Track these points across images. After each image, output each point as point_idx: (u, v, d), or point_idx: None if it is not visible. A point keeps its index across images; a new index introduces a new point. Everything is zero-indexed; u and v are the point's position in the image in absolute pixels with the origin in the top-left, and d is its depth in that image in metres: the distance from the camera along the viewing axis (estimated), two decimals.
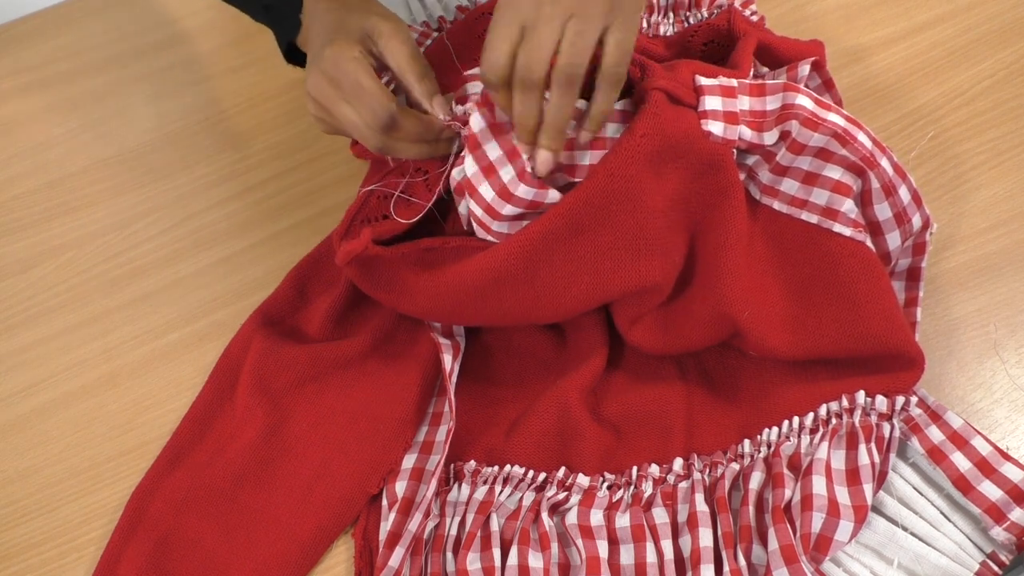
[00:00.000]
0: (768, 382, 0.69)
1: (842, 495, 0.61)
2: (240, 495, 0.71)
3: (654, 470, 0.67)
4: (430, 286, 0.69)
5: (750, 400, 0.69)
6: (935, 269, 0.73)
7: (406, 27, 0.70)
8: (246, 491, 0.71)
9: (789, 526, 0.60)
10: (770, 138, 0.66)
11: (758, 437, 0.67)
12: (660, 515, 0.65)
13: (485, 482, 0.69)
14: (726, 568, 0.61)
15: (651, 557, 0.64)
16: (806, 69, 0.71)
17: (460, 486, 0.70)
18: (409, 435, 0.72)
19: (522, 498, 0.68)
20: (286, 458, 0.72)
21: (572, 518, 0.66)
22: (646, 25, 0.83)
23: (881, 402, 0.65)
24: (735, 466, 0.66)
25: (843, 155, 0.66)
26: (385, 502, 0.69)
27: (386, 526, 0.68)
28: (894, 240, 0.69)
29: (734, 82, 0.68)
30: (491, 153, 0.66)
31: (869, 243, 0.67)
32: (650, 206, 0.65)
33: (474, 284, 0.67)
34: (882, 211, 0.68)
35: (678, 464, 0.68)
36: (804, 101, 0.65)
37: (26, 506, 0.75)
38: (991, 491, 0.61)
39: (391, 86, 0.71)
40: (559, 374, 0.73)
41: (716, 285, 0.67)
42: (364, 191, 0.73)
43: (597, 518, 0.66)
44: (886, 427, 0.64)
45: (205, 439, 0.74)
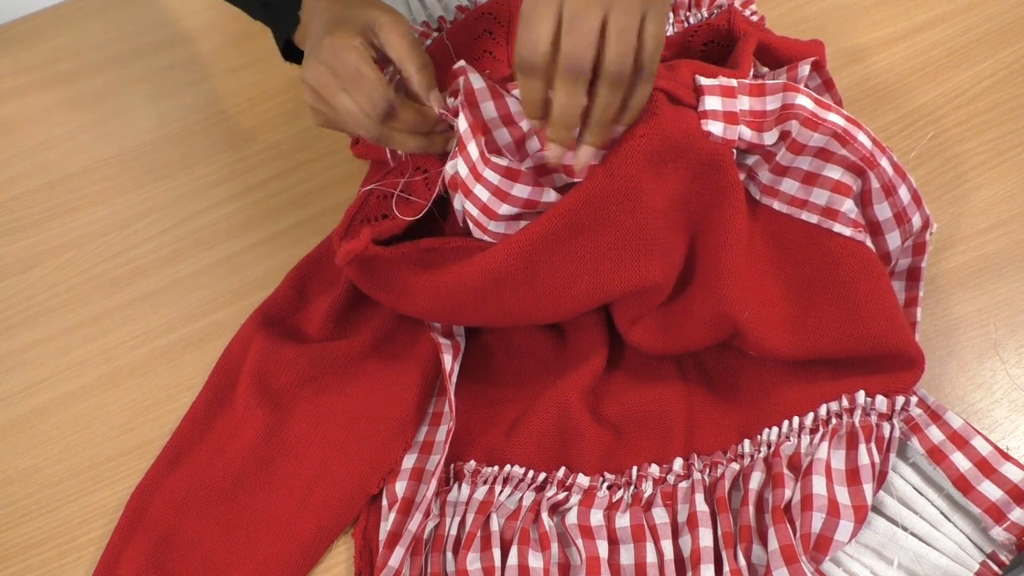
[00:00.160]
0: (768, 382, 0.69)
1: (842, 495, 0.61)
2: (240, 495, 0.71)
3: (654, 470, 0.67)
4: (430, 286, 0.69)
5: (750, 400, 0.69)
6: (935, 269, 0.73)
7: (406, 21, 0.70)
8: (246, 491, 0.71)
9: (789, 526, 0.60)
10: (770, 138, 0.66)
11: (758, 437, 0.67)
12: (660, 515, 0.65)
13: (485, 482, 0.69)
14: (726, 568, 0.61)
15: (651, 557, 0.64)
16: (806, 69, 0.71)
17: (460, 486, 0.70)
18: (409, 435, 0.72)
19: (522, 498, 0.68)
20: (286, 458, 0.71)
21: (572, 518, 0.65)
22: None
23: (881, 402, 0.65)
24: (735, 466, 0.66)
25: (843, 155, 0.66)
26: (385, 502, 0.69)
27: (386, 526, 0.68)
28: (894, 240, 0.69)
29: (734, 82, 0.68)
30: (475, 153, 0.66)
31: (869, 243, 0.67)
32: (650, 206, 0.65)
33: (474, 284, 0.67)
34: (882, 211, 0.68)
35: (678, 464, 0.68)
36: (804, 101, 0.65)
37: (26, 506, 0.75)
38: (991, 491, 0.61)
39: (391, 80, 0.71)
40: (559, 374, 0.73)
41: (716, 285, 0.67)
42: (364, 191, 0.73)
43: (597, 518, 0.66)
44: (886, 427, 0.64)
45: (205, 439, 0.74)
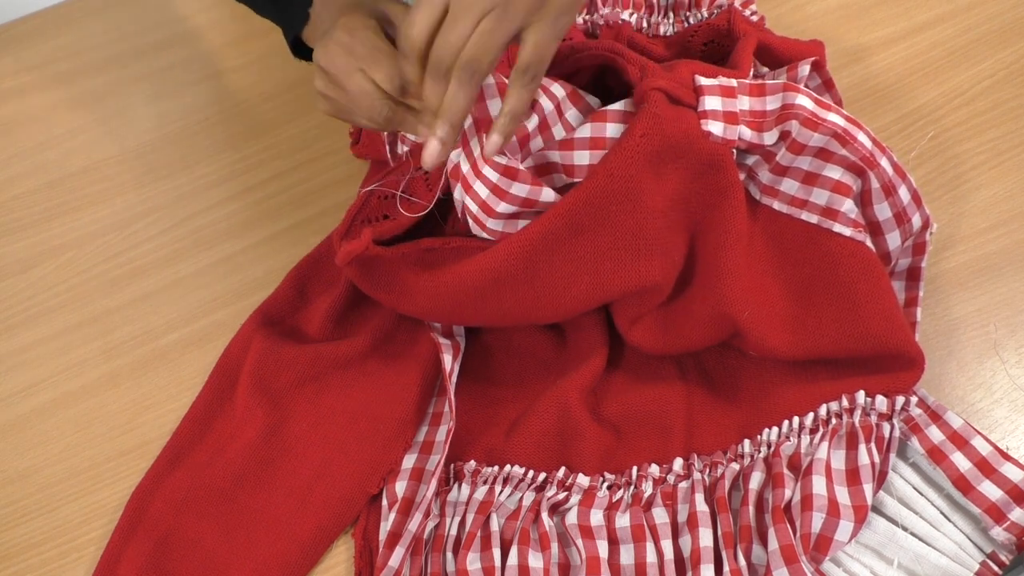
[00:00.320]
0: (768, 382, 0.69)
1: (842, 495, 0.61)
2: (240, 495, 0.71)
3: (654, 470, 0.67)
4: (430, 286, 0.69)
5: (750, 400, 0.69)
6: (935, 269, 0.73)
7: None
8: (246, 491, 0.71)
9: (789, 526, 0.60)
10: (770, 138, 0.66)
11: (758, 437, 0.67)
12: (660, 515, 0.65)
13: (485, 482, 0.69)
14: (726, 568, 0.61)
15: (651, 557, 0.64)
16: (806, 69, 0.71)
17: (460, 486, 0.70)
18: (409, 435, 0.72)
19: (522, 498, 0.68)
20: (286, 458, 0.72)
21: (572, 518, 0.65)
22: (646, 25, 0.83)
23: (881, 402, 0.65)
24: (735, 466, 0.66)
25: (843, 155, 0.66)
26: (385, 502, 0.69)
27: (386, 526, 0.68)
28: (894, 240, 0.69)
29: (734, 82, 0.67)
30: (476, 150, 0.66)
31: (869, 243, 0.67)
32: (650, 206, 0.65)
33: (474, 284, 0.67)
34: (882, 211, 0.68)
35: (678, 464, 0.68)
36: (804, 101, 0.65)
37: (26, 506, 0.75)
38: (991, 491, 0.61)
39: None
40: (559, 374, 0.73)
41: (716, 285, 0.67)
42: (364, 191, 0.73)
43: (597, 518, 0.66)
44: (886, 427, 0.64)
45: (205, 439, 0.74)
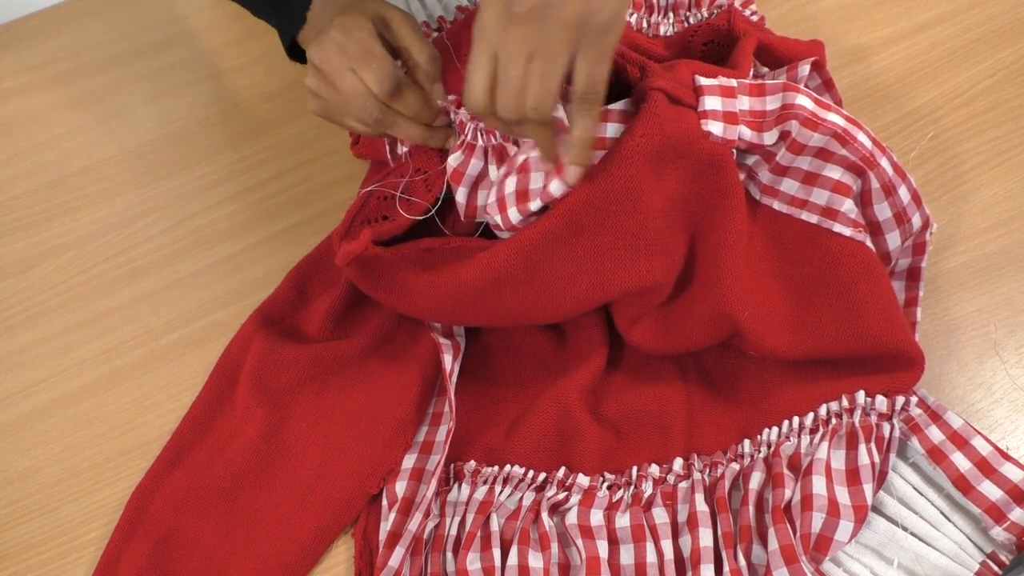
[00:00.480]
0: (768, 382, 0.69)
1: (842, 495, 0.61)
2: (240, 495, 0.71)
3: (654, 470, 0.67)
4: (430, 286, 0.69)
5: (750, 400, 0.69)
6: (935, 269, 0.73)
7: (415, 18, 0.72)
8: (246, 491, 0.71)
9: (789, 526, 0.60)
10: (770, 138, 0.66)
11: (758, 437, 0.67)
12: (660, 515, 0.65)
13: (485, 482, 0.69)
14: (726, 568, 0.61)
15: (651, 557, 0.64)
16: (806, 69, 0.71)
17: (460, 486, 0.70)
18: (409, 435, 0.72)
19: (522, 498, 0.68)
20: (286, 458, 0.72)
21: (572, 518, 0.65)
22: (646, 25, 0.83)
23: (881, 402, 0.65)
24: (735, 466, 0.66)
25: (843, 155, 0.66)
26: (385, 502, 0.69)
27: (386, 526, 0.68)
28: (894, 240, 0.69)
29: (734, 82, 0.67)
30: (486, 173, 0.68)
31: (869, 243, 0.67)
32: (650, 206, 0.65)
33: (474, 284, 0.67)
34: (882, 211, 0.68)
35: (678, 464, 0.68)
36: (804, 101, 0.65)
37: (26, 506, 0.75)
38: (991, 491, 0.61)
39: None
40: (559, 374, 0.73)
41: (716, 285, 0.67)
42: (364, 192, 0.73)
43: (597, 518, 0.66)
44: (886, 427, 0.64)
45: (205, 439, 0.74)
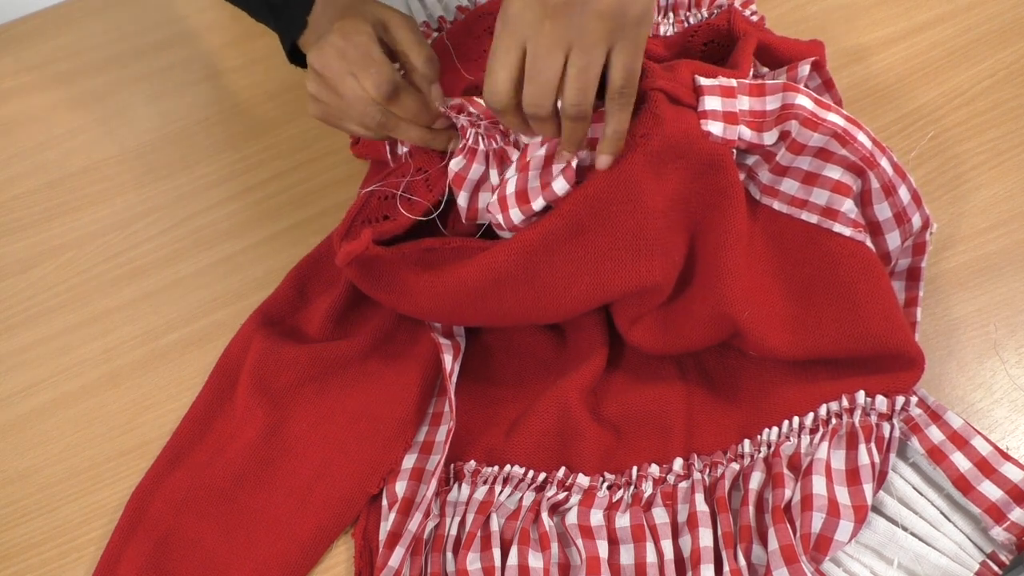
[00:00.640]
0: (768, 382, 0.69)
1: (842, 495, 0.61)
2: (240, 495, 0.71)
3: (654, 470, 0.67)
4: (430, 286, 0.69)
5: (750, 400, 0.69)
6: (935, 269, 0.73)
7: (415, 21, 0.72)
8: (246, 491, 0.71)
9: (789, 526, 0.60)
10: (770, 138, 0.66)
11: (758, 437, 0.67)
12: (660, 515, 0.65)
13: (485, 482, 0.69)
14: (726, 568, 0.61)
15: (651, 557, 0.64)
16: (806, 69, 0.71)
17: (460, 486, 0.70)
18: (409, 435, 0.72)
19: (522, 498, 0.68)
20: (286, 458, 0.71)
21: (572, 518, 0.65)
22: None
23: (881, 402, 0.65)
24: (735, 466, 0.66)
25: (843, 155, 0.66)
26: (385, 502, 0.69)
27: (386, 526, 0.68)
28: (894, 240, 0.69)
29: (734, 82, 0.67)
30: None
31: (869, 243, 0.67)
32: (650, 206, 0.65)
33: (474, 284, 0.67)
34: (882, 211, 0.68)
35: (678, 464, 0.68)
36: (804, 101, 0.65)
37: (26, 506, 0.75)
38: (991, 491, 0.61)
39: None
40: (559, 374, 0.73)
41: (716, 285, 0.67)
42: (365, 192, 0.73)
43: (597, 518, 0.66)
44: (886, 427, 0.64)
45: (205, 439, 0.74)
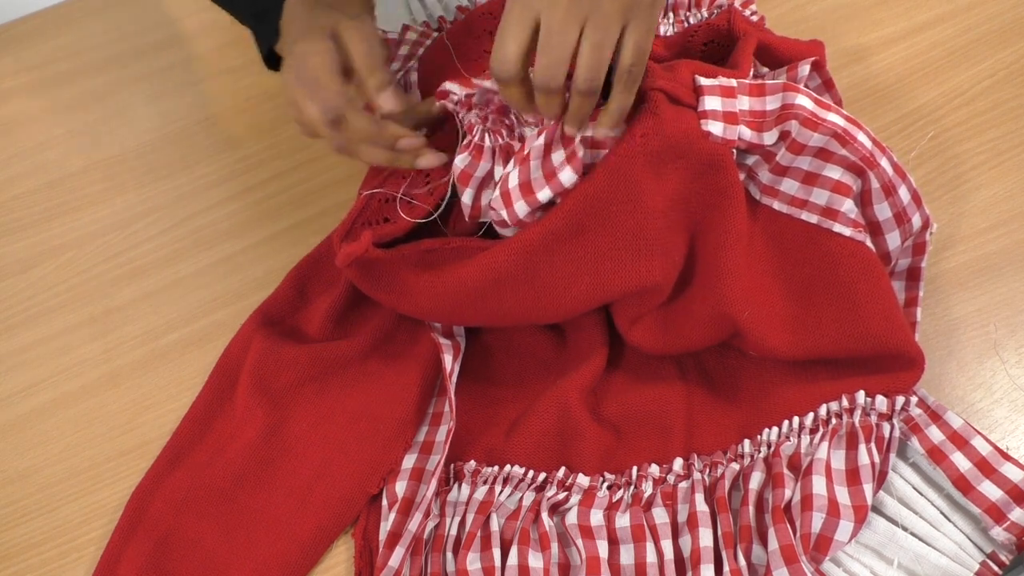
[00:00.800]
0: (768, 382, 0.69)
1: (842, 495, 0.61)
2: (240, 495, 0.71)
3: (654, 470, 0.67)
4: (430, 287, 0.69)
5: (750, 400, 0.69)
6: (935, 269, 0.73)
7: (371, 25, 0.71)
8: (246, 491, 0.71)
9: (789, 526, 0.60)
10: (770, 138, 0.66)
11: (758, 437, 0.67)
12: (660, 515, 0.65)
13: (485, 482, 0.69)
14: (726, 568, 0.61)
15: (651, 557, 0.64)
16: (806, 69, 0.71)
17: (460, 486, 0.70)
18: (409, 435, 0.72)
19: (522, 498, 0.68)
20: (286, 458, 0.71)
21: (572, 518, 0.65)
22: None
23: (881, 402, 0.65)
24: (735, 466, 0.66)
25: (843, 155, 0.66)
26: (385, 502, 0.69)
27: (386, 526, 0.68)
28: (894, 240, 0.69)
29: (734, 82, 0.67)
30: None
31: (869, 243, 0.67)
32: (650, 206, 0.65)
33: (474, 284, 0.67)
34: (882, 211, 0.68)
35: (678, 464, 0.68)
36: (804, 101, 0.65)
37: (26, 506, 0.75)
38: (991, 491, 0.61)
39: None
40: (559, 374, 0.73)
41: (716, 285, 0.67)
42: (365, 194, 0.73)
43: (597, 518, 0.66)
44: (886, 427, 0.64)
45: (205, 439, 0.74)
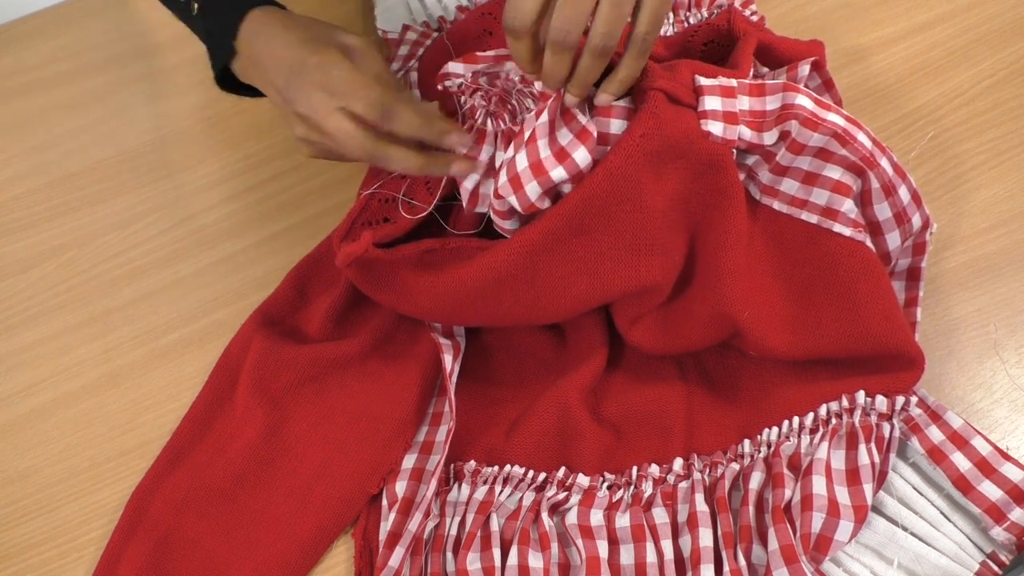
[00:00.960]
0: (768, 382, 0.69)
1: (842, 495, 0.61)
2: (240, 495, 0.71)
3: (654, 470, 0.67)
4: (430, 287, 0.69)
5: (750, 400, 0.69)
6: (935, 269, 0.73)
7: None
8: (246, 491, 0.71)
9: (789, 526, 0.60)
10: (770, 138, 0.66)
11: (758, 437, 0.67)
12: (660, 515, 0.65)
13: (485, 482, 0.69)
14: (726, 568, 0.61)
15: (651, 557, 0.64)
16: (806, 69, 0.71)
17: (460, 486, 0.70)
18: (409, 435, 0.72)
19: (522, 498, 0.68)
20: (286, 458, 0.72)
21: (572, 518, 0.65)
22: None
23: (881, 402, 0.65)
24: (735, 466, 0.66)
25: (843, 155, 0.66)
26: (385, 502, 0.69)
27: (386, 526, 0.68)
28: (894, 240, 0.69)
29: (734, 82, 0.67)
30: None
31: (869, 243, 0.67)
32: (650, 206, 0.65)
33: (474, 284, 0.67)
34: (882, 211, 0.68)
35: (678, 464, 0.68)
36: (804, 101, 0.65)
37: (26, 506, 0.75)
38: (991, 491, 0.61)
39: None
40: (559, 374, 0.73)
41: (716, 285, 0.67)
42: (365, 194, 0.73)
43: (597, 518, 0.66)
44: (886, 427, 0.64)
45: (205, 439, 0.74)
